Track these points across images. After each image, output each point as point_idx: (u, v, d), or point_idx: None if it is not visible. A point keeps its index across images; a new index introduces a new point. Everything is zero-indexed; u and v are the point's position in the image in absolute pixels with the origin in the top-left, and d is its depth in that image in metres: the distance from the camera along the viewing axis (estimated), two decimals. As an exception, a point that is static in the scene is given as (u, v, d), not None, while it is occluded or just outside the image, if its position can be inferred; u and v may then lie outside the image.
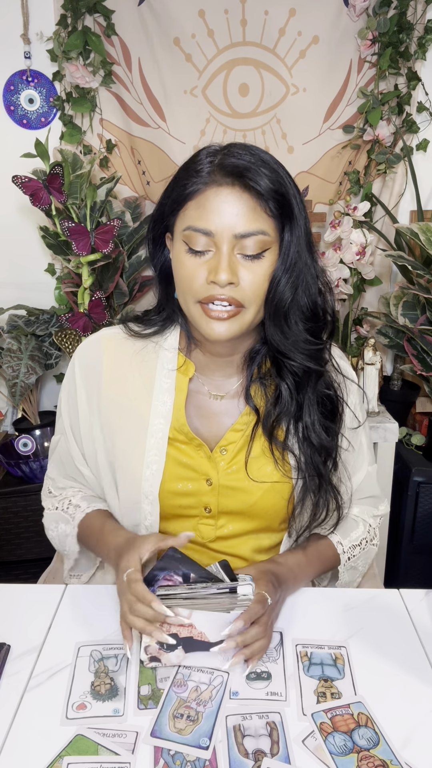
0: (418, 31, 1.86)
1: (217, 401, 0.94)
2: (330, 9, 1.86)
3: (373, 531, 1.02)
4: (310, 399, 0.89)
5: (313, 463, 0.89)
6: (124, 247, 1.86)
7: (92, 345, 0.97)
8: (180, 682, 0.76)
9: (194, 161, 0.82)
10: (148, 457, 0.91)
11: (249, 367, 0.93)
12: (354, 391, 0.97)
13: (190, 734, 0.69)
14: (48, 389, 2.21)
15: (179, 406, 0.92)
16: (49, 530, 1.03)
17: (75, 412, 0.97)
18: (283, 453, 0.91)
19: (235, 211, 0.78)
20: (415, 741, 0.69)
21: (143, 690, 0.76)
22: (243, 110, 1.98)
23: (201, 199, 0.80)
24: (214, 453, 0.92)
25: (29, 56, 1.92)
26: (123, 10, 1.86)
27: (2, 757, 0.67)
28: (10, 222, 2.06)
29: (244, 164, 0.78)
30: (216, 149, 0.82)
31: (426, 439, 1.92)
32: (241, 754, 0.67)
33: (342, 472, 0.95)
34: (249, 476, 0.91)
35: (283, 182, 0.80)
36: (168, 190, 0.85)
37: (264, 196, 0.78)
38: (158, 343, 0.95)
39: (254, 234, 0.79)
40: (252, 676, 0.77)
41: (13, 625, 0.87)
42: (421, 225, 1.67)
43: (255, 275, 0.81)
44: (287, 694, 0.75)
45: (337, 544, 0.96)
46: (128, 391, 0.93)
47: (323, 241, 1.87)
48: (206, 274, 0.80)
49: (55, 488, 1.04)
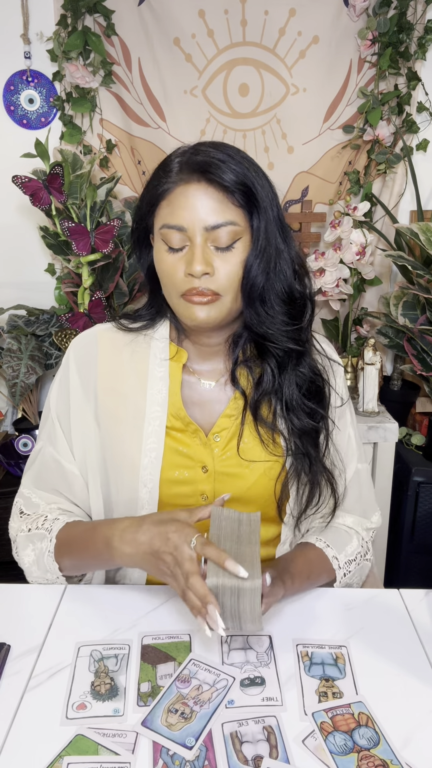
0: (418, 31, 1.86)
1: (208, 389, 0.97)
2: (330, 9, 1.86)
3: (366, 545, 1.02)
4: (290, 379, 0.92)
5: (301, 442, 0.92)
6: (124, 247, 1.86)
7: (87, 339, 0.98)
8: (185, 678, 0.76)
9: (166, 162, 0.87)
10: (146, 445, 0.92)
11: (233, 351, 0.95)
12: (339, 374, 1.01)
13: (179, 731, 0.69)
14: (48, 389, 2.20)
15: (174, 392, 0.94)
16: (23, 558, 0.94)
17: (66, 403, 0.96)
18: (273, 435, 0.94)
19: (203, 205, 0.82)
20: (416, 741, 0.69)
21: (143, 687, 0.76)
22: (243, 110, 1.98)
23: (171, 197, 0.84)
24: (209, 439, 0.94)
25: (29, 56, 1.92)
26: (123, 10, 1.86)
27: (2, 757, 0.67)
28: (10, 222, 2.06)
29: (208, 160, 0.82)
30: (185, 149, 0.87)
31: (426, 439, 1.92)
32: (241, 761, 0.66)
33: (335, 456, 0.97)
34: (240, 456, 0.93)
35: (247, 174, 0.83)
36: (144, 192, 0.90)
37: (229, 189, 0.82)
38: (149, 334, 0.98)
39: (224, 225, 0.83)
40: (246, 682, 0.77)
41: (13, 625, 0.86)
42: (421, 225, 1.67)
43: (229, 264, 0.85)
44: (283, 698, 0.74)
45: (332, 559, 0.95)
46: (123, 382, 0.95)
47: (323, 241, 1.87)
48: (184, 268, 0.85)
49: (28, 506, 0.98)
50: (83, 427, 0.96)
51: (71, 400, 0.96)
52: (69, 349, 0.98)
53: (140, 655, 0.81)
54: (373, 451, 1.82)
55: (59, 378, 0.99)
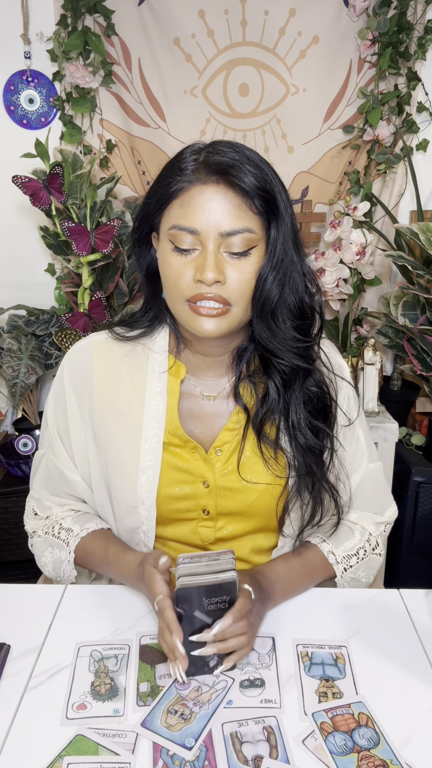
0: (418, 31, 1.86)
1: (209, 402, 0.93)
2: (330, 9, 1.86)
3: (374, 539, 0.98)
4: (297, 397, 0.88)
5: (304, 461, 0.88)
6: (124, 247, 1.86)
7: (81, 351, 0.95)
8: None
9: (179, 159, 0.81)
10: (143, 463, 0.90)
11: (237, 365, 0.92)
12: (345, 388, 0.96)
13: (178, 732, 0.69)
14: (48, 389, 2.21)
15: (172, 409, 0.91)
16: (41, 557, 0.98)
17: (64, 418, 0.95)
18: (275, 452, 0.90)
19: (220, 209, 0.77)
20: (416, 741, 0.69)
21: (142, 687, 0.76)
22: (243, 110, 1.98)
23: (185, 197, 0.79)
24: (210, 454, 0.91)
25: (29, 56, 1.92)
26: (123, 10, 1.86)
27: (2, 757, 0.67)
28: (10, 222, 2.06)
29: (229, 161, 0.77)
30: (201, 147, 0.82)
31: (426, 439, 1.92)
32: (241, 762, 0.66)
33: (339, 470, 0.93)
34: (241, 477, 0.90)
35: (268, 179, 0.79)
36: (153, 189, 0.84)
37: (249, 194, 0.78)
38: (147, 345, 0.93)
39: (240, 232, 0.78)
40: (245, 683, 0.76)
41: (13, 625, 0.86)
42: (421, 225, 1.67)
43: (242, 273, 0.80)
44: (281, 701, 0.74)
45: (328, 554, 0.93)
46: (120, 396, 0.92)
47: (323, 241, 1.87)
48: (193, 273, 0.80)
49: (41, 508, 1.00)
50: (83, 442, 0.95)
51: (69, 416, 0.95)
52: (63, 363, 0.96)
53: (138, 655, 0.80)
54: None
55: (54, 392, 0.97)
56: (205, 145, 0.81)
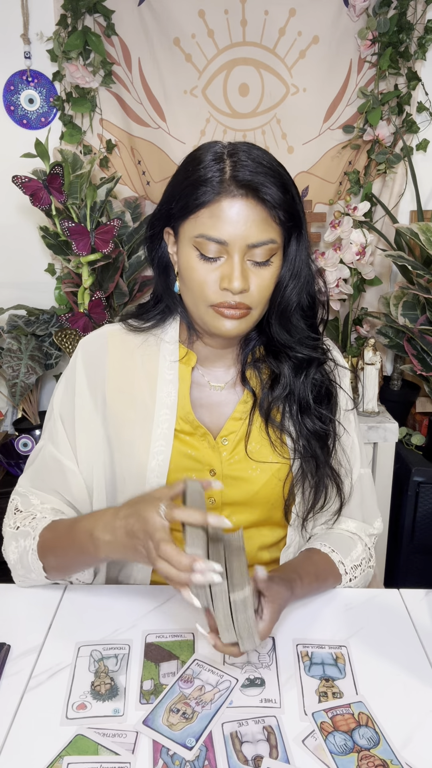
0: (418, 31, 1.86)
1: (217, 392, 0.97)
2: (330, 9, 1.86)
3: (368, 552, 1.01)
4: (305, 384, 0.93)
5: (309, 445, 0.93)
6: (124, 247, 1.86)
7: (97, 338, 0.98)
8: (188, 678, 0.76)
9: (200, 164, 0.82)
10: (154, 448, 0.92)
11: (243, 353, 0.96)
12: (346, 376, 1.02)
13: (180, 731, 0.69)
14: (48, 389, 2.21)
15: (184, 395, 0.94)
16: (10, 554, 0.92)
17: (71, 402, 0.95)
18: (280, 435, 0.94)
19: (248, 222, 0.81)
20: (416, 741, 0.69)
21: (146, 685, 0.76)
22: (243, 110, 1.98)
23: (215, 208, 0.81)
24: (217, 443, 0.94)
25: (29, 56, 1.92)
26: (123, 10, 1.86)
27: (2, 757, 0.67)
28: (10, 222, 2.06)
29: (258, 178, 0.80)
30: (220, 152, 0.82)
31: (426, 439, 1.92)
32: (241, 761, 0.66)
33: (342, 456, 0.98)
34: (248, 455, 0.93)
35: (290, 191, 0.83)
36: (175, 193, 0.85)
37: (275, 207, 0.82)
38: (159, 336, 0.97)
39: (265, 243, 0.82)
40: (245, 682, 0.77)
41: (13, 625, 0.86)
42: (421, 225, 1.67)
43: (262, 279, 0.85)
44: (281, 700, 0.74)
45: (338, 564, 0.95)
46: (133, 384, 0.94)
47: (323, 241, 1.87)
48: (218, 280, 0.83)
49: (24, 504, 0.95)
50: (88, 430, 0.95)
51: (76, 402, 0.95)
52: (77, 350, 0.97)
53: (143, 653, 0.81)
54: (373, 451, 1.82)
55: (65, 378, 0.98)
56: (227, 152, 0.82)
